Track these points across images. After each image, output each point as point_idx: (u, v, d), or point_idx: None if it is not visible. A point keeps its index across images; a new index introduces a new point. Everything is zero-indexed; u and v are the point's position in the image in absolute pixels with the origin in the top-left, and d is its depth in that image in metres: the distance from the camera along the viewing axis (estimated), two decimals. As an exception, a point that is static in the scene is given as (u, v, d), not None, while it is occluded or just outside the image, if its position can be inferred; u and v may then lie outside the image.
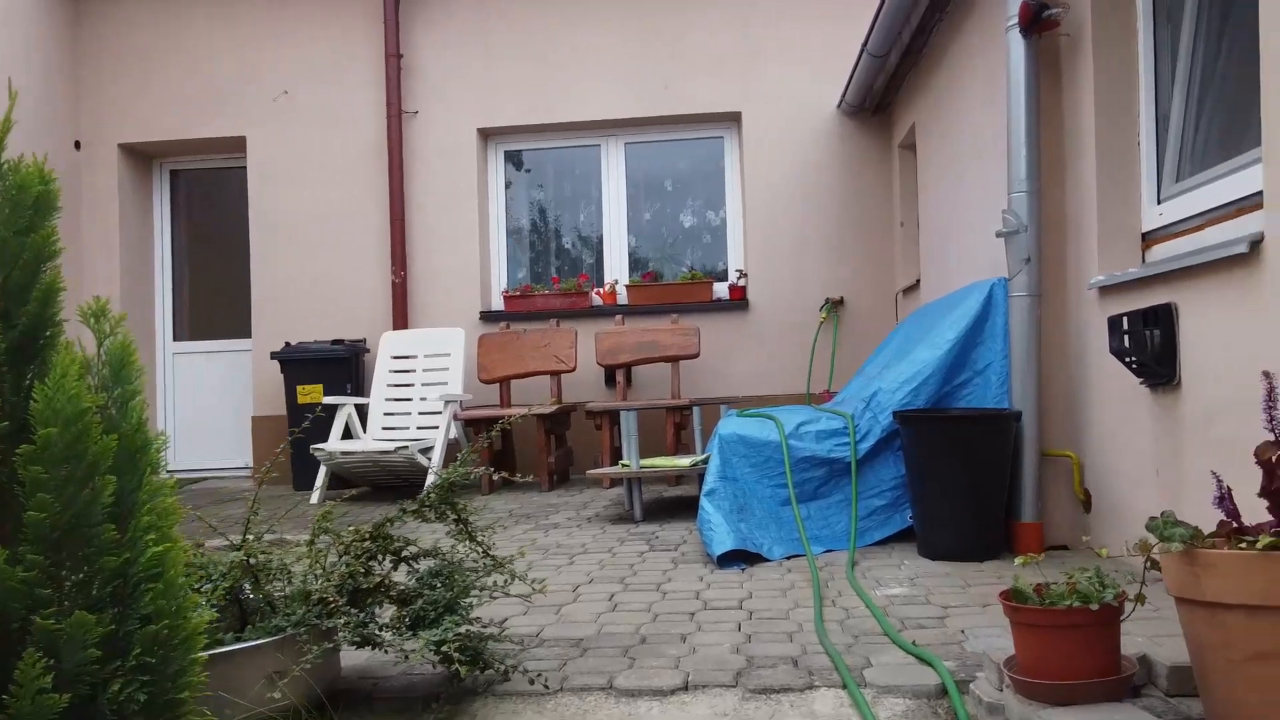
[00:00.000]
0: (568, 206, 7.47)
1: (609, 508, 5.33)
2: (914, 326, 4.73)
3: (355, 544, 2.17)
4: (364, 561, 2.15)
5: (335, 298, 7.22)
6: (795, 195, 6.95)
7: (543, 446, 6.16)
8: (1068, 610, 1.71)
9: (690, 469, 4.75)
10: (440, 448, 6.11)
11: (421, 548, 2.37)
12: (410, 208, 7.16)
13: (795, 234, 6.95)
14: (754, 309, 6.98)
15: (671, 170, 7.40)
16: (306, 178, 7.24)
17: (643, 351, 6.56)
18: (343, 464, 6.09)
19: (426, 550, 2.36)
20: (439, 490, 2.30)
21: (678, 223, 7.40)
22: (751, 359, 6.96)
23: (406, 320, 7.10)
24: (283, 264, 7.25)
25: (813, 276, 6.94)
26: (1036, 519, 3.70)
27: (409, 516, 2.29)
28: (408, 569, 2.35)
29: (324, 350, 6.70)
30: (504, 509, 5.52)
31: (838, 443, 3.99)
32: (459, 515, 2.34)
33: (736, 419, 4.27)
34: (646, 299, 7.05)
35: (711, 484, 3.92)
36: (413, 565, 2.34)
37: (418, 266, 7.16)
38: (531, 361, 6.62)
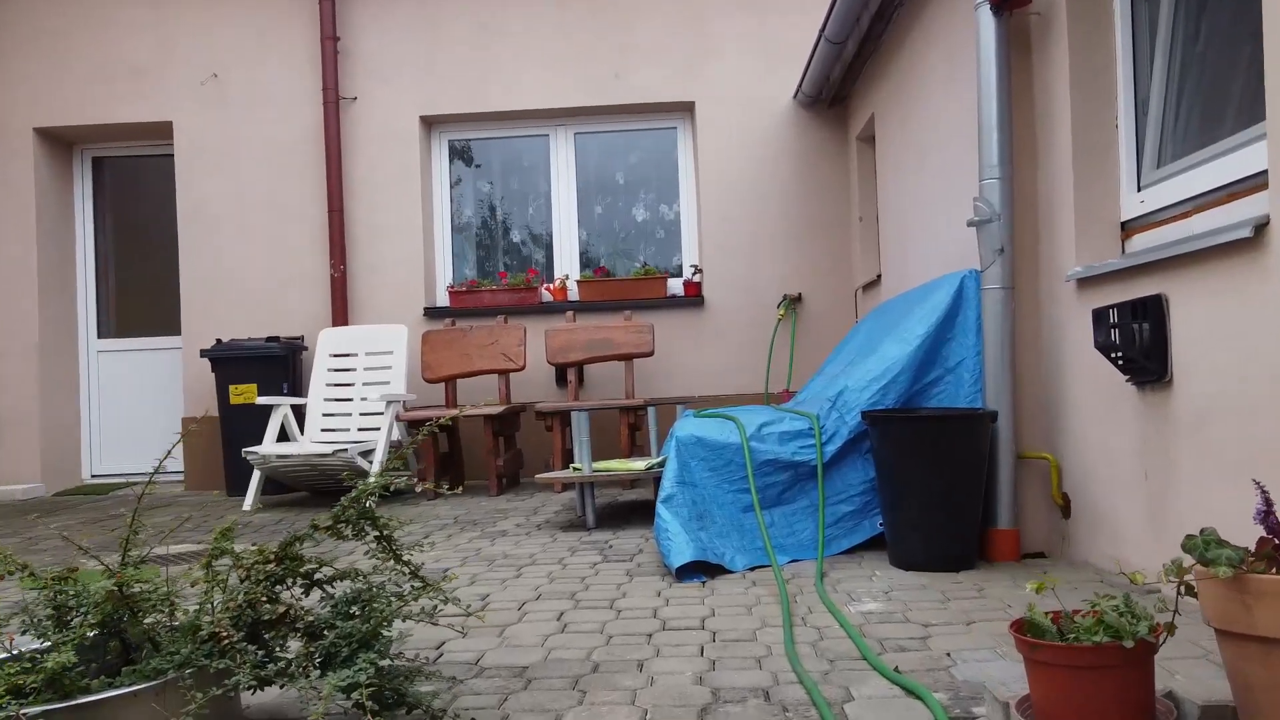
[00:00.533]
0: (516, 199, 7.15)
1: (560, 513, 5.02)
2: (878, 322, 4.49)
3: (258, 567, 1.84)
4: (267, 588, 1.83)
5: (271, 293, 6.82)
6: (751, 189, 6.70)
7: (490, 449, 5.84)
8: (1096, 648, 1.44)
9: (646, 473, 4.46)
10: (382, 450, 5.76)
11: (338, 569, 2.05)
12: (350, 198, 6.78)
13: (751, 229, 6.70)
14: (710, 306, 6.71)
15: (623, 163, 7.11)
16: (238, 166, 6.83)
17: (595, 350, 6.26)
18: (278, 468, 5.71)
19: (343, 572, 2.04)
20: (355, 502, 1.98)
21: (630, 217, 7.11)
22: (708, 357, 6.69)
23: (347, 317, 6.73)
24: (213, 257, 6.84)
25: (770, 272, 6.70)
26: (1013, 525, 3.46)
27: (323, 534, 1.96)
28: (322, 595, 2.03)
29: (258, 348, 6.31)
30: (449, 515, 5.19)
31: (802, 445, 3.73)
32: (381, 531, 2.03)
33: (694, 420, 3.99)
34: (599, 295, 6.75)
35: (668, 490, 3.64)
36: (327, 590, 2.02)
37: (358, 260, 6.79)
38: (478, 360, 6.29)
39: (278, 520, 5.36)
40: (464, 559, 3.90)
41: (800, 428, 3.77)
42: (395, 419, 5.88)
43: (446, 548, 4.19)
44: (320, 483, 5.99)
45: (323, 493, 6.30)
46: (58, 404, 7.02)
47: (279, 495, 6.36)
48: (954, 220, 4.19)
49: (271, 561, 1.86)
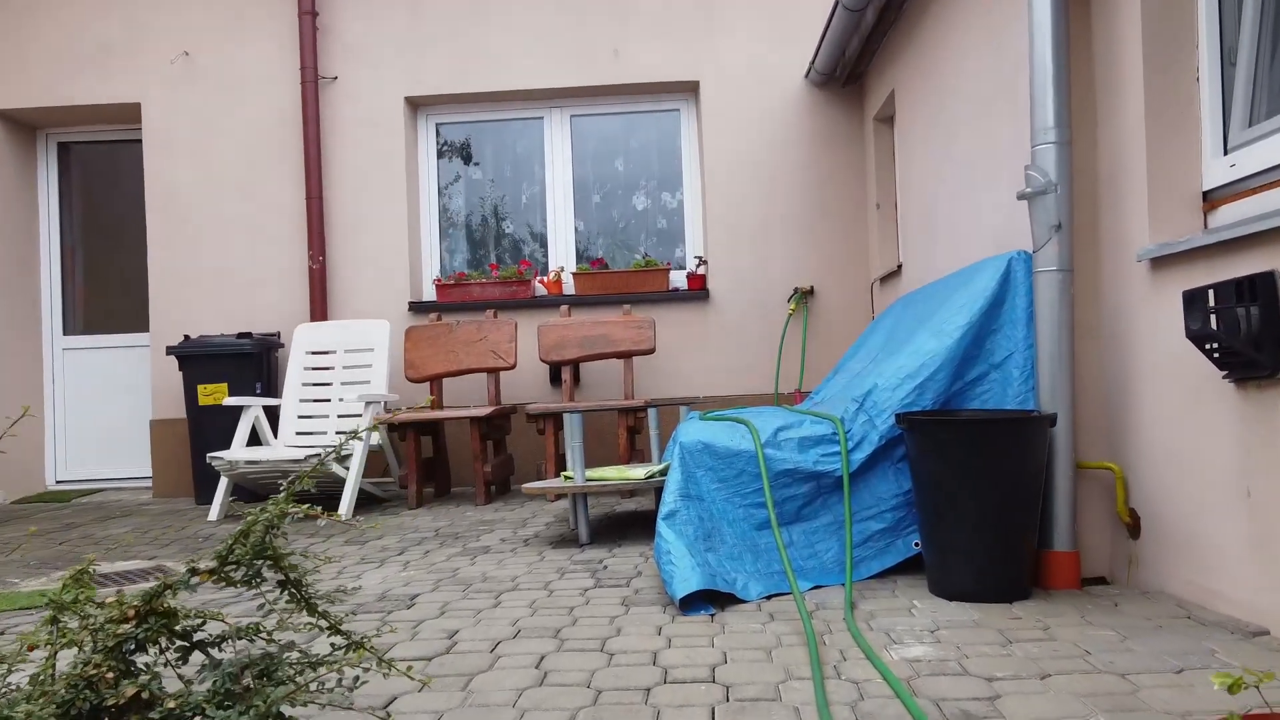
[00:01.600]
0: (509, 187, 6.63)
1: (551, 526, 4.51)
2: (908, 313, 3.97)
3: (109, 627, 1.33)
4: (118, 658, 1.31)
5: (245, 286, 6.31)
6: (759, 175, 6.18)
7: (478, 454, 5.32)
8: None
9: (645, 482, 3.94)
10: (360, 455, 5.24)
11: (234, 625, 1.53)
12: (330, 185, 6.27)
13: (760, 217, 6.18)
14: (715, 300, 6.19)
15: (623, 148, 6.59)
16: (211, 150, 6.32)
17: (592, 346, 5.74)
18: (246, 474, 5.19)
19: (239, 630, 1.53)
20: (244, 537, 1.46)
21: (630, 206, 6.59)
22: (713, 355, 6.17)
23: (326, 311, 6.21)
24: (184, 248, 6.33)
25: (780, 264, 6.18)
26: (1072, 547, 2.94)
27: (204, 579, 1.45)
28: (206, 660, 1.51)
29: (228, 344, 5.79)
30: (430, 527, 4.67)
31: (825, 452, 3.21)
32: (286, 574, 1.51)
33: (700, 424, 3.47)
34: (596, 288, 6.23)
35: (671, 504, 3.12)
36: (211, 655, 1.50)
37: (339, 251, 6.28)
38: (465, 357, 5.78)
39: (243, 532, 4.85)
40: (437, 582, 3.38)
41: (822, 432, 3.25)
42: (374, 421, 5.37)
43: (421, 566, 3.67)
44: (294, 490, 5.48)
45: (300, 500, 5.79)
46: (18, 406, 6.51)
47: (254, 503, 5.84)
48: (993, 200, 3.67)
49: (131, 618, 1.34)
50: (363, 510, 5.36)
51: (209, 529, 4.99)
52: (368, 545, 4.32)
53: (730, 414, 3.75)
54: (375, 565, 3.79)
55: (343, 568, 3.79)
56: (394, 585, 3.36)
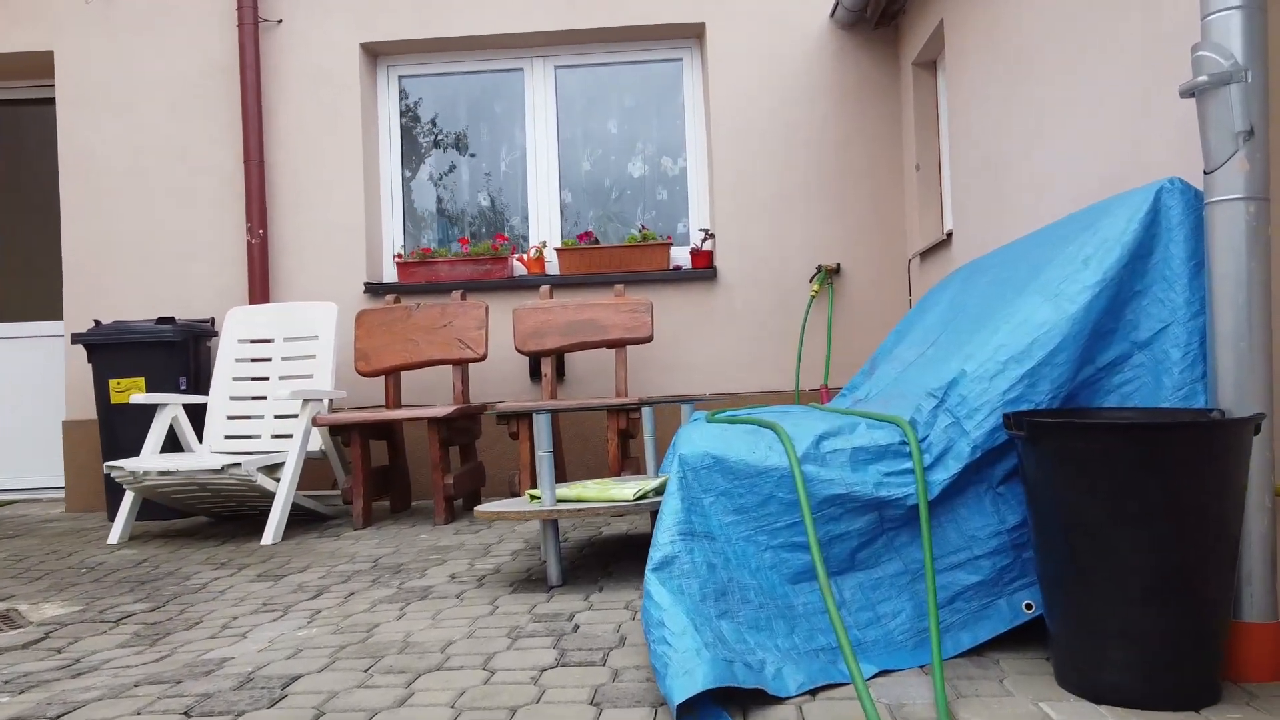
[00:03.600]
0: (484, 151, 5.61)
1: (519, 555, 3.48)
2: (977, 283, 2.93)
3: None
4: None
5: (175, 265, 5.29)
6: (775, 134, 5.16)
7: (436, 464, 4.30)
8: None
9: (635, 504, 2.92)
10: (294, 464, 4.22)
11: None
12: (273, 147, 5.25)
13: (776, 184, 5.15)
14: (724, 280, 5.17)
15: (616, 106, 5.57)
16: (135, 106, 5.31)
17: (577, 333, 4.72)
18: (156, 487, 4.17)
19: None
20: None
21: (624, 173, 5.57)
22: (721, 344, 5.15)
23: (268, 293, 5.20)
24: (103, 221, 5.31)
25: (800, 238, 5.15)
26: (1273, 616, 1.91)
27: None
28: None
29: (146, 332, 4.77)
30: (369, 555, 3.66)
31: (890, 470, 2.17)
32: None
33: (708, 427, 2.45)
34: (584, 266, 5.21)
35: (667, 547, 2.09)
36: None
37: (283, 223, 5.26)
38: (427, 347, 4.76)
39: (142, 560, 3.84)
40: (338, 650, 2.36)
41: (884, 441, 2.22)
42: (313, 423, 4.34)
43: (330, 620, 2.65)
44: (219, 506, 4.46)
45: (230, 518, 4.77)
46: (-84, 404, 5.51)
47: (171, 521, 4.83)
48: (1102, 128, 2.64)
49: None
50: (298, 531, 4.34)
51: (102, 555, 3.98)
52: (284, 580, 3.31)
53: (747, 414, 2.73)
54: (275, 615, 2.77)
55: (233, 618, 2.77)
56: (277, 655, 2.34)
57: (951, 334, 2.85)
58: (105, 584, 3.43)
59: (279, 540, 4.10)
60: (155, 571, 3.61)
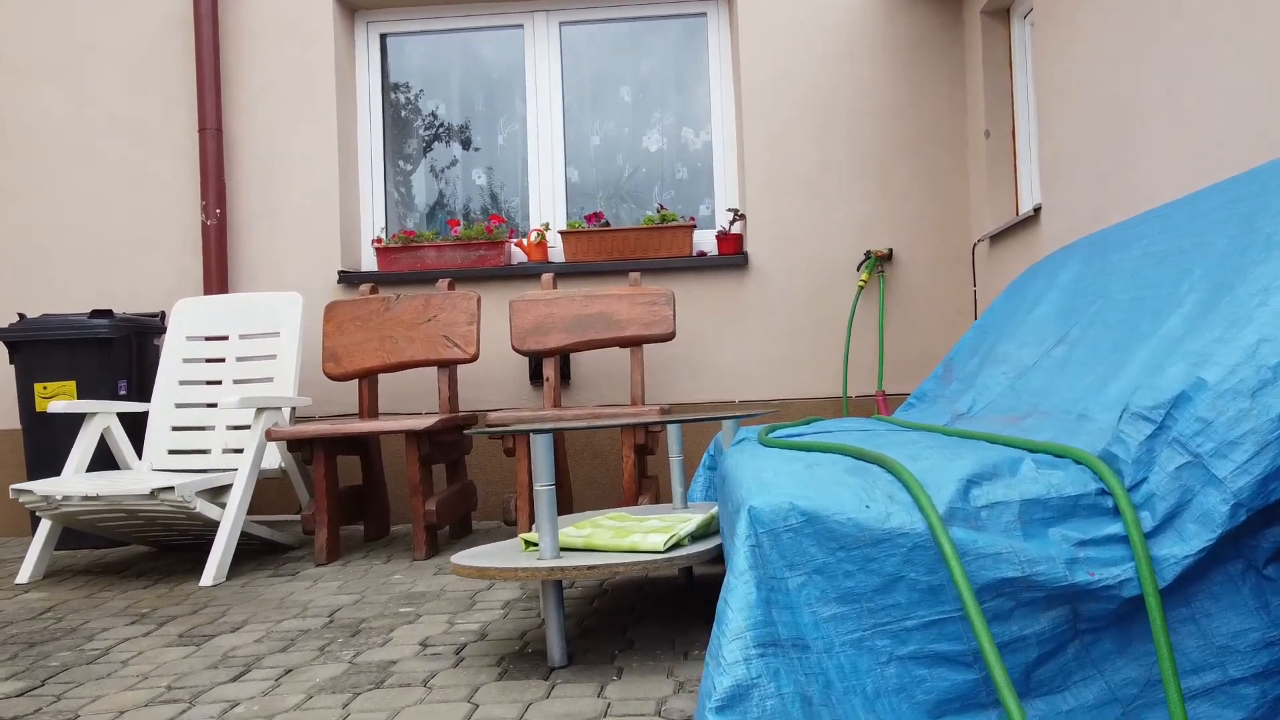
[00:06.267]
0: (479, 121, 4.79)
1: (511, 613, 2.66)
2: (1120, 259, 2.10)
3: None
4: None
5: (122, 251, 4.48)
6: (815, 100, 4.33)
7: (416, 487, 3.48)
8: None
9: (666, 558, 2.10)
10: (243, 487, 3.41)
11: None
12: (233, 115, 4.44)
13: (816, 158, 4.33)
14: (756, 267, 4.34)
15: (630, 71, 4.75)
16: (78, 72, 4.49)
17: (586, 329, 3.90)
18: (78, 514, 3.36)
19: None
20: None
21: (639, 148, 4.74)
22: (752, 343, 4.33)
23: (226, 283, 4.38)
24: (43, 201, 4.50)
25: (844, 219, 4.32)
26: None
27: None
28: None
29: (76, 327, 3.95)
30: (324, 608, 2.84)
31: (1086, 537, 1.35)
32: None
33: (776, 458, 1.63)
34: (593, 252, 4.39)
35: (739, 669, 1.26)
36: None
37: (245, 203, 4.44)
38: (407, 345, 3.94)
39: (47, 608, 3.02)
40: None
41: (1070, 488, 1.39)
42: (267, 437, 3.52)
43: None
44: (158, 535, 3.65)
45: (173, 547, 3.95)
46: None
47: (105, 550, 4.02)
48: None
49: None
50: (249, 566, 3.52)
51: (5, 599, 3.16)
52: (210, 644, 2.50)
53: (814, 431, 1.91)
54: (177, 710, 1.96)
55: (118, 714, 1.95)
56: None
57: (1098, 328, 2.03)
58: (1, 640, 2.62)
59: (222, 580, 3.29)
60: (56, 627, 2.79)
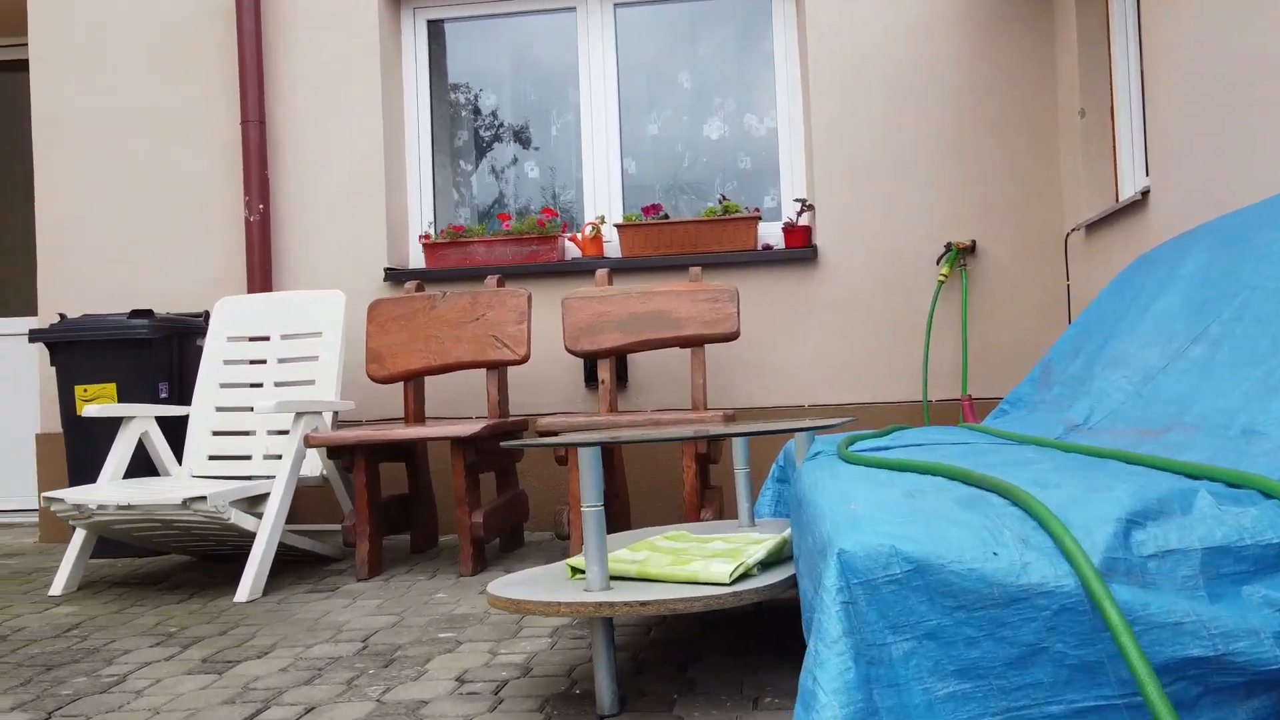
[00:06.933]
0: (532, 114, 4.54)
1: (562, 638, 2.39)
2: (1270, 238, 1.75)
3: None
4: None
5: (160, 249, 4.32)
6: (889, 80, 3.99)
7: (462, 497, 3.23)
8: None
9: (731, 594, 1.80)
10: (280, 497, 3.19)
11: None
12: (276, 107, 4.25)
13: (891, 143, 3.99)
14: (825, 262, 4.01)
15: (689, 56, 4.45)
16: (115, 63, 4.35)
17: (643, 328, 3.62)
18: (112, 524, 3.18)
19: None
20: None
21: (699, 135, 4.44)
22: (821, 342, 4.00)
23: (270, 281, 4.19)
24: (83, 198, 4.36)
25: (921, 208, 3.97)
26: None
27: None
28: None
29: (116, 328, 3.79)
30: (359, 631, 2.60)
31: (1299, 598, 1.02)
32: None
33: (865, 481, 1.33)
34: (650, 246, 4.10)
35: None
36: None
37: (288, 198, 4.25)
38: (454, 346, 3.70)
39: (74, 625, 2.83)
40: None
41: (1274, 533, 1.06)
42: (305, 443, 3.30)
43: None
44: (196, 546, 3.45)
45: (213, 557, 3.77)
46: (-121, 412, 4.63)
47: (145, 560, 3.85)
48: None
49: None
50: (288, 579, 3.31)
51: (31, 615, 2.98)
52: (231, 673, 2.27)
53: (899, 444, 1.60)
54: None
55: None
56: None
57: (1248, 324, 1.70)
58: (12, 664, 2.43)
59: (258, 595, 3.07)
60: (78, 647, 2.59)
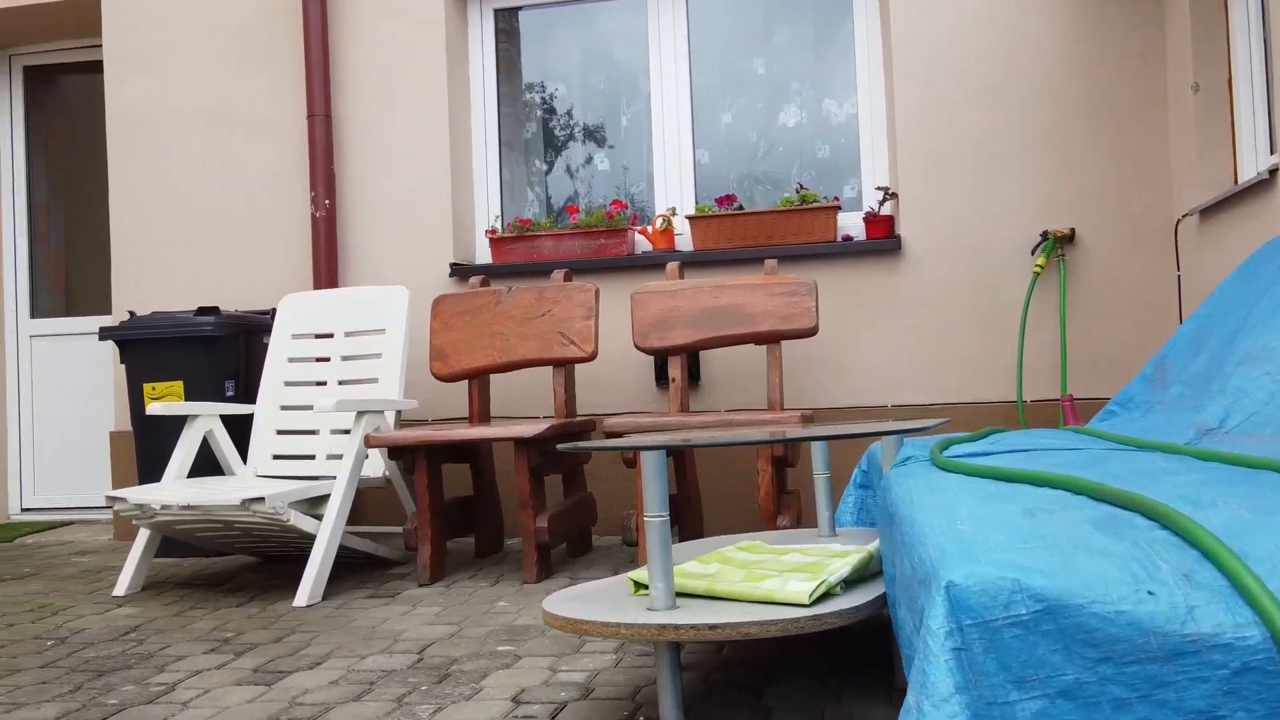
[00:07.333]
0: (601, 104, 4.38)
1: (626, 656, 2.21)
2: None
3: None
4: None
5: (226, 244, 4.28)
6: (981, 59, 3.72)
7: (526, 500, 3.08)
8: None
9: (814, 616, 1.60)
10: (340, 498, 3.09)
11: None
12: (342, 100, 4.17)
13: (982, 127, 3.71)
14: (909, 253, 3.76)
15: (764, 42, 4.24)
16: (182, 60, 4.32)
17: (716, 324, 3.42)
18: (174, 524, 3.11)
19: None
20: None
21: (775, 123, 4.23)
22: (905, 338, 3.75)
23: (336, 277, 4.12)
24: (154, 195, 4.35)
25: (1015, 195, 3.69)
26: None
27: None
28: None
29: (181, 325, 3.74)
30: (417, 639, 2.47)
31: None
32: None
33: (971, 501, 1.13)
34: (724, 238, 3.90)
35: None
36: None
37: (354, 193, 4.17)
38: (519, 343, 3.55)
39: (131, 628, 2.76)
40: None
41: None
42: (365, 444, 3.20)
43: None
44: (259, 547, 3.38)
45: (276, 558, 3.69)
46: (-36, 409, 4.70)
47: (212, 559, 3.79)
48: None
49: None
50: (349, 581, 3.20)
51: (93, 616, 2.93)
52: (279, 686, 2.16)
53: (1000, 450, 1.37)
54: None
55: None
56: None
57: None
58: (52, 672, 2.36)
59: (317, 600, 2.97)
60: (133, 652, 2.51)
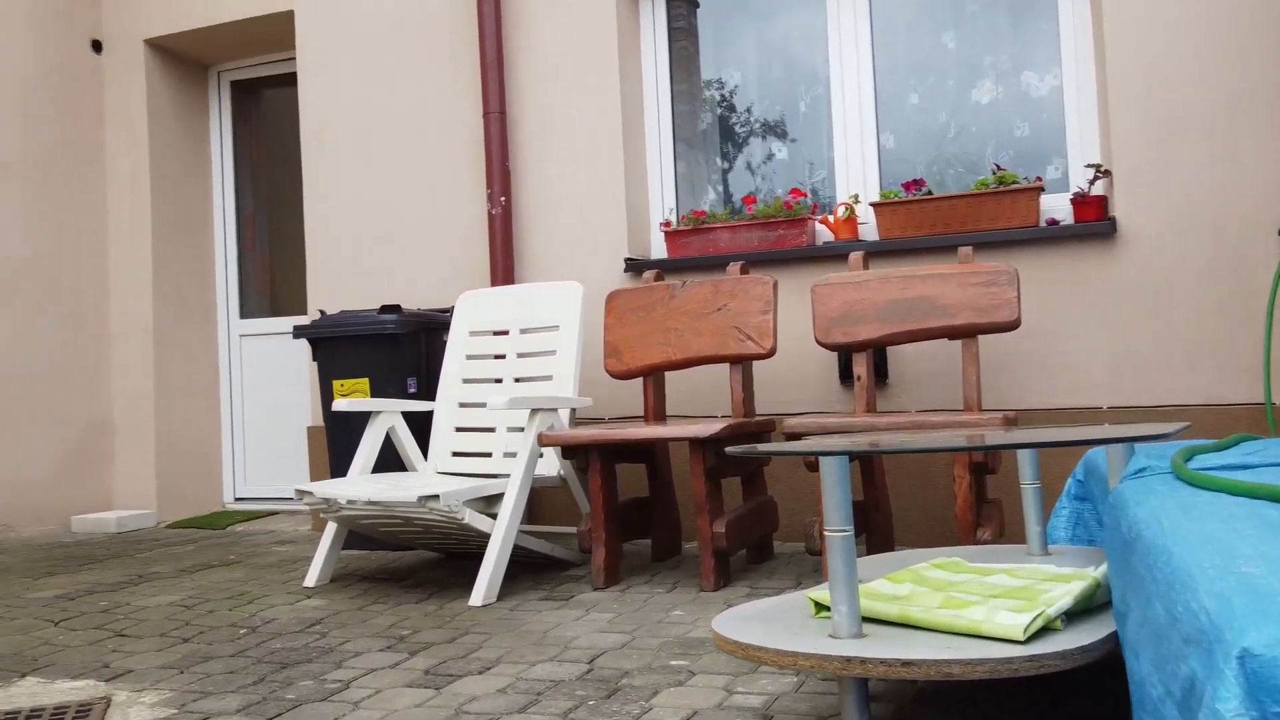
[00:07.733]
0: (778, 91, 4.17)
1: (810, 681, 2.02)
2: None
3: None
4: None
5: (407, 243, 4.37)
6: (1212, 16, 3.26)
7: (703, 504, 2.94)
8: None
9: (1029, 654, 1.36)
10: (514, 497, 3.05)
11: None
12: (515, 97, 4.17)
13: (1215, 90, 3.25)
14: (1126, 235, 3.35)
15: (954, 12, 3.91)
16: (367, 64, 4.44)
17: (904, 317, 3.16)
18: (357, 518, 3.18)
19: None
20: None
21: (966, 102, 3.89)
22: (1122, 332, 3.34)
23: (512, 274, 4.12)
24: (338, 198, 4.51)
25: (1256, 170, 3.21)
26: None
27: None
28: None
29: (365, 323, 3.83)
30: (588, 647, 2.37)
31: None
32: None
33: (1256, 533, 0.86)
34: (912, 226, 3.62)
35: None
36: None
37: (529, 190, 4.16)
38: (693, 339, 3.41)
39: (317, 620, 2.82)
40: None
41: None
42: (539, 442, 3.14)
43: None
44: (437, 543, 3.40)
45: (457, 556, 3.72)
46: (183, 405, 5.03)
47: (398, 554, 3.86)
48: None
49: None
50: (524, 582, 3.16)
51: (283, 607, 3.02)
52: (448, 690, 2.11)
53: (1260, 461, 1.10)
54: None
55: None
56: None
57: None
58: (240, 662, 2.42)
59: (492, 600, 2.94)
60: (315, 645, 2.55)
